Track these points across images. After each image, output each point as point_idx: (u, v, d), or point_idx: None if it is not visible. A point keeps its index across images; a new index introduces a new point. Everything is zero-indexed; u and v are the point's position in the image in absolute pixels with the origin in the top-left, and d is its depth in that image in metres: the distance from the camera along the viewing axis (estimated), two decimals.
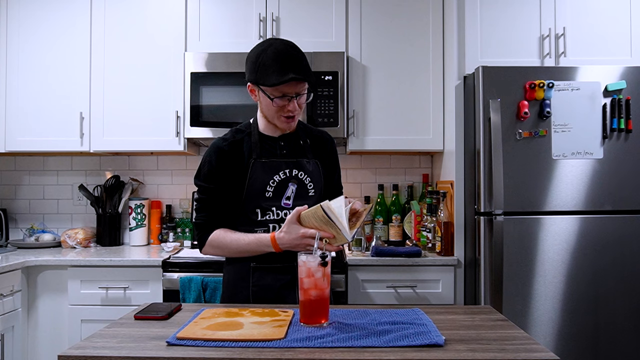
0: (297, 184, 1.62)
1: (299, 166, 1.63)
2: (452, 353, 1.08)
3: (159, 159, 3.10)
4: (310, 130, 1.75)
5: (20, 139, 2.75)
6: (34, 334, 2.45)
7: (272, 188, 1.59)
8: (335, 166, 1.78)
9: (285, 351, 1.08)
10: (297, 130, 1.69)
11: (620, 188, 2.29)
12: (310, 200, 1.64)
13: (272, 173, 1.59)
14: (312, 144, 1.70)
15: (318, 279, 1.24)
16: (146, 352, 1.08)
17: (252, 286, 1.59)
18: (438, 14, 2.70)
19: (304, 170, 1.63)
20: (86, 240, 2.83)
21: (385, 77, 2.72)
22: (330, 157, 1.75)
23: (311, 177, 1.65)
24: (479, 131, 2.31)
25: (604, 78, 2.30)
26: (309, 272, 1.25)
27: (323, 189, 1.70)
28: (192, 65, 2.65)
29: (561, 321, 2.27)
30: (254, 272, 1.59)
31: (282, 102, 1.53)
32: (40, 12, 2.76)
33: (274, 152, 1.63)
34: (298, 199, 1.61)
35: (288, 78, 1.47)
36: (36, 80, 2.75)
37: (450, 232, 2.46)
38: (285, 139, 1.65)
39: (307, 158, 1.66)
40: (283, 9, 2.71)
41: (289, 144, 1.65)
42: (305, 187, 1.64)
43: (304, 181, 1.63)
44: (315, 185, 1.66)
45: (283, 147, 1.64)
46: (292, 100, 1.53)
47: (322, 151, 1.72)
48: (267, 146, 1.63)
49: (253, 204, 1.59)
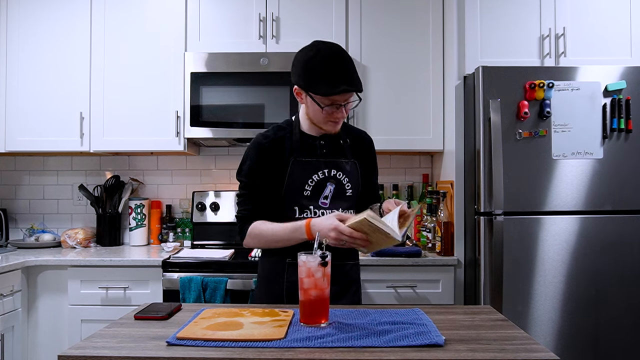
0: (335, 184, 1.63)
1: (338, 166, 1.64)
2: (452, 353, 1.08)
3: (159, 159, 3.10)
4: (350, 130, 1.77)
5: (20, 139, 2.75)
6: (34, 334, 2.45)
7: (310, 187, 1.61)
8: (373, 166, 1.80)
9: (285, 351, 1.08)
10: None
11: (620, 188, 2.29)
12: (348, 200, 1.65)
13: (311, 172, 1.61)
14: (352, 144, 1.72)
15: (318, 279, 1.25)
16: (146, 352, 1.08)
17: (287, 282, 1.60)
18: (438, 14, 2.70)
19: (343, 171, 1.65)
20: (86, 240, 2.83)
21: (385, 77, 2.72)
22: (369, 157, 1.77)
23: (349, 177, 1.66)
24: (479, 131, 2.31)
25: (604, 78, 2.30)
26: (309, 272, 1.25)
27: (360, 188, 1.71)
28: (192, 65, 2.65)
29: (561, 321, 2.27)
30: (289, 268, 1.60)
31: (331, 110, 1.55)
32: (40, 12, 2.76)
33: (314, 151, 1.64)
34: (336, 198, 1.63)
35: (340, 90, 1.49)
36: (36, 80, 2.75)
37: (450, 232, 2.46)
38: (325, 139, 1.66)
39: (346, 158, 1.67)
40: (283, 9, 2.72)
41: (329, 143, 1.67)
42: (343, 187, 1.65)
43: (342, 181, 1.64)
44: (352, 186, 1.67)
45: (323, 147, 1.65)
46: (341, 107, 1.55)
47: (361, 151, 1.74)
48: (308, 145, 1.64)
49: (291, 201, 1.61)
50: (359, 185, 1.70)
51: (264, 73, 2.62)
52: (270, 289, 1.65)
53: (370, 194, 1.77)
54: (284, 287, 1.61)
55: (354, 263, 1.72)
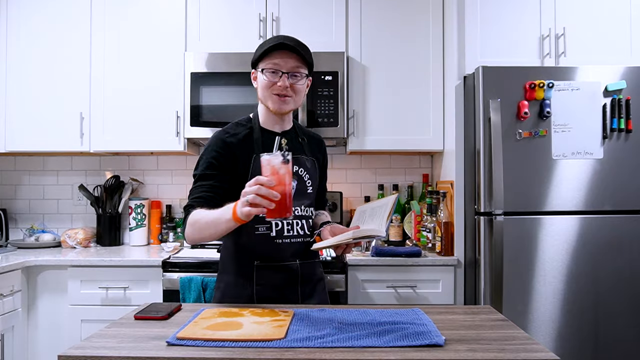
0: (298, 180, 1.61)
1: (299, 163, 1.63)
2: (452, 353, 1.08)
3: (159, 159, 3.10)
4: (304, 130, 1.77)
5: (20, 139, 2.75)
6: (34, 334, 2.45)
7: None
8: (325, 167, 1.82)
9: (285, 351, 1.08)
10: (294, 128, 1.70)
11: (620, 188, 2.29)
12: (309, 197, 1.65)
13: None
14: (309, 143, 1.72)
15: (282, 176, 1.25)
16: (146, 352, 1.08)
17: (256, 285, 1.58)
18: (438, 14, 2.70)
19: (304, 167, 1.64)
20: (86, 240, 2.83)
21: (385, 77, 2.72)
22: (324, 157, 1.80)
23: (309, 174, 1.66)
24: (479, 131, 2.31)
25: (604, 78, 2.30)
26: (273, 169, 1.26)
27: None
28: (192, 65, 2.65)
29: (561, 321, 2.27)
30: (257, 271, 1.58)
31: (273, 77, 1.53)
32: (40, 12, 2.76)
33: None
34: (298, 195, 1.61)
35: (277, 43, 1.50)
36: (36, 80, 2.75)
37: (450, 232, 2.46)
38: (286, 136, 1.65)
39: (305, 155, 1.67)
40: (283, 9, 2.72)
41: (290, 140, 1.66)
42: (305, 183, 1.64)
43: (303, 177, 1.63)
44: (312, 183, 1.66)
45: None
46: (283, 76, 1.53)
47: (317, 151, 1.75)
48: (269, 142, 1.61)
49: None
50: (317, 183, 1.70)
51: None
52: (238, 293, 1.58)
53: (321, 195, 1.80)
54: (254, 291, 1.56)
55: (319, 261, 1.73)
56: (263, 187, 1.22)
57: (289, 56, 1.53)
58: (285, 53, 1.53)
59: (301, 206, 1.62)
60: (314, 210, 1.69)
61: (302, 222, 1.62)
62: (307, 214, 1.64)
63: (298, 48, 1.52)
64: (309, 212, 1.65)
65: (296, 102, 1.60)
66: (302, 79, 1.56)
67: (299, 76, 1.55)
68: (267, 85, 1.55)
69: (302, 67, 1.55)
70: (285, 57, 1.53)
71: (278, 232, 1.57)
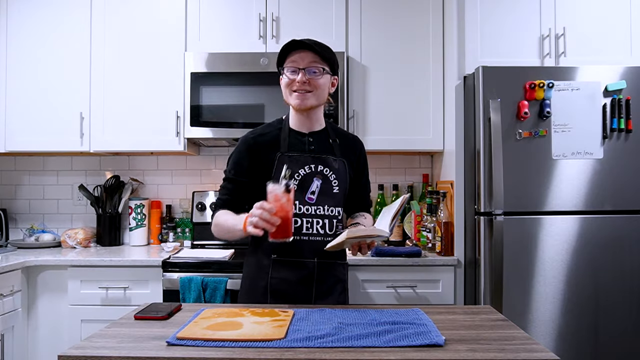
0: (322, 180, 1.63)
1: (325, 163, 1.65)
2: (452, 353, 1.08)
3: (159, 159, 3.10)
4: (341, 132, 1.78)
5: (20, 139, 2.75)
6: (34, 334, 2.45)
7: (296, 181, 1.61)
8: (363, 169, 1.80)
9: (285, 351, 1.08)
10: (327, 129, 1.72)
11: (620, 188, 2.29)
12: (335, 197, 1.65)
13: (297, 167, 1.61)
14: (342, 144, 1.72)
15: (283, 204, 1.38)
16: (146, 352, 1.08)
17: (271, 278, 1.61)
18: (438, 14, 2.70)
19: (330, 167, 1.65)
20: (86, 240, 2.83)
21: (385, 77, 2.72)
22: (359, 160, 1.77)
23: (336, 174, 1.66)
24: (479, 131, 2.31)
25: (604, 78, 2.30)
26: (276, 197, 1.39)
27: (348, 189, 1.70)
28: (192, 65, 2.65)
29: (561, 321, 2.27)
30: (274, 264, 1.61)
31: (292, 75, 1.59)
32: (40, 12, 2.76)
33: (302, 147, 1.65)
34: (322, 194, 1.62)
35: (292, 42, 1.56)
36: (36, 80, 2.75)
37: (450, 232, 2.46)
38: (314, 136, 1.67)
39: (334, 156, 1.67)
40: (283, 9, 2.72)
41: (318, 140, 1.67)
42: (330, 183, 1.65)
43: (328, 177, 1.64)
44: (340, 183, 1.66)
45: (311, 143, 1.66)
46: (301, 72, 1.57)
47: (351, 153, 1.74)
48: (296, 141, 1.65)
49: None
50: (347, 184, 1.69)
51: (264, 73, 2.62)
52: (254, 285, 1.65)
53: (358, 196, 1.78)
54: (269, 283, 1.61)
55: (342, 263, 1.72)
56: (265, 212, 1.34)
57: (305, 53, 1.58)
58: (302, 51, 1.58)
59: (324, 206, 1.62)
60: (341, 210, 1.68)
61: (324, 222, 1.62)
62: (331, 214, 1.63)
63: (314, 45, 1.58)
64: (334, 212, 1.64)
65: (318, 98, 1.62)
66: (320, 74, 1.60)
67: (317, 71, 1.59)
68: (288, 83, 1.61)
69: (319, 62, 1.59)
70: (302, 54, 1.58)
71: (297, 229, 1.58)
